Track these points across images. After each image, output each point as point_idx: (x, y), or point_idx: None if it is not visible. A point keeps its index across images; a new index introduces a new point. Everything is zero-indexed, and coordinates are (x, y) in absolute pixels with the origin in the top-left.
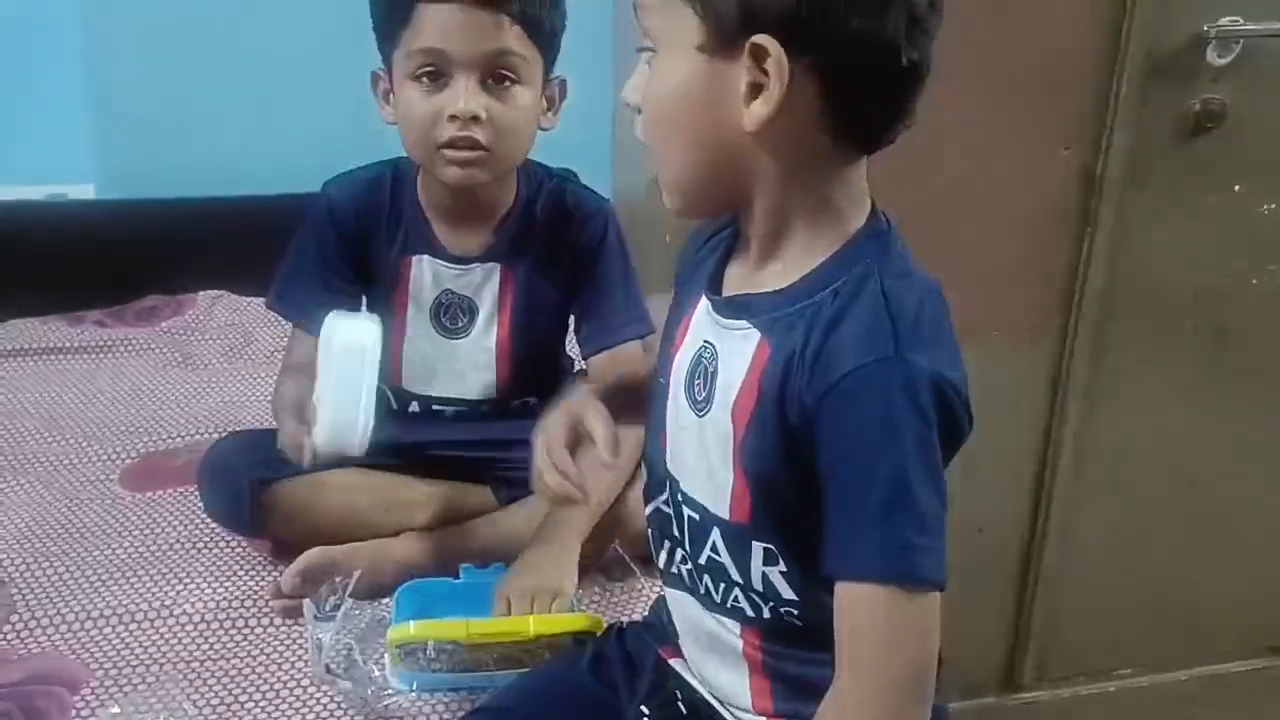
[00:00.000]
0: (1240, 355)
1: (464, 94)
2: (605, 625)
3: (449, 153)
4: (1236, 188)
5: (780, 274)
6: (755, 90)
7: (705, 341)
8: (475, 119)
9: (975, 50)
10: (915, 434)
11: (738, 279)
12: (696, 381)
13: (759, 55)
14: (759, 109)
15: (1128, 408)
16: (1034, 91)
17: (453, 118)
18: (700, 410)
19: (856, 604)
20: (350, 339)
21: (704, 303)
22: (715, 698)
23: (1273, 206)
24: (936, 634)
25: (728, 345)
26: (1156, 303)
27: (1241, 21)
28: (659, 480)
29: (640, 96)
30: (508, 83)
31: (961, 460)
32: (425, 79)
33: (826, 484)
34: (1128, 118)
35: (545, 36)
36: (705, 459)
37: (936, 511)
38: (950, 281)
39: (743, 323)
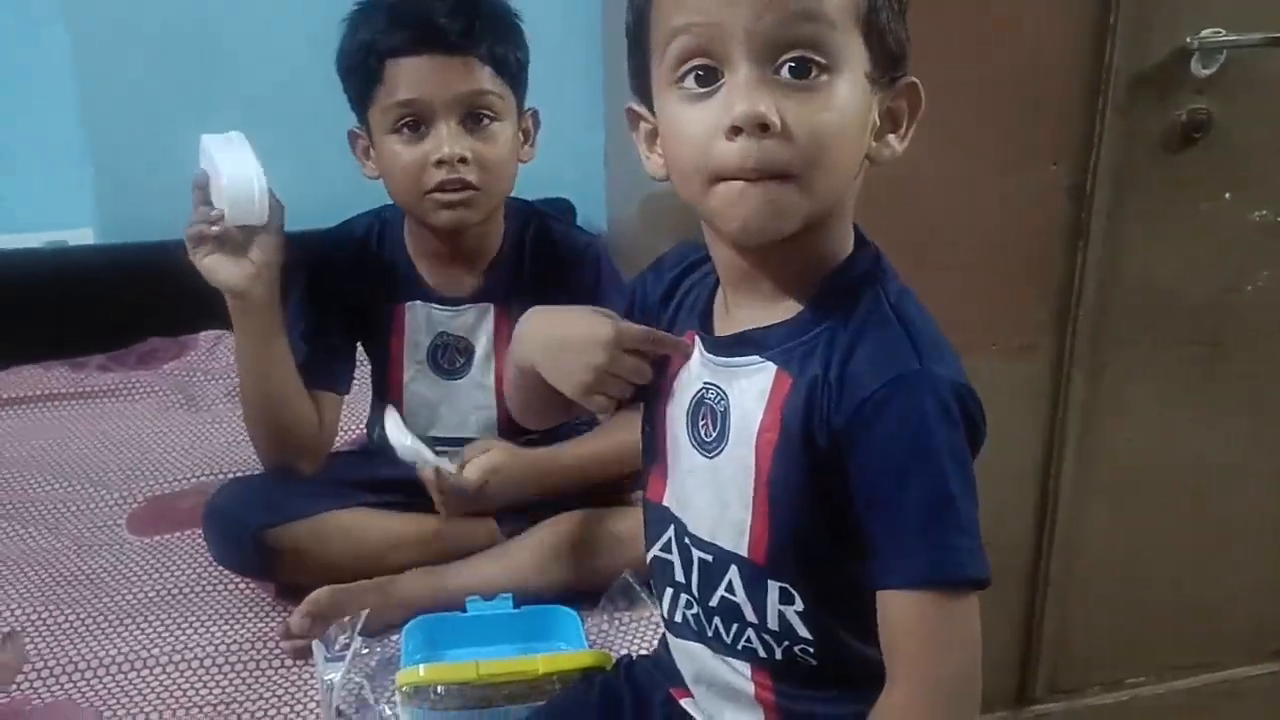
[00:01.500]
0: (1236, 362)
1: (447, 139)
2: (613, 660)
3: (439, 196)
4: (1226, 196)
5: (783, 304)
6: (891, 126)
7: (706, 384)
8: (462, 160)
9: (960, 69)
10: (948, 441)
11: (731, 317)
12: (702, 423)
13: (914, 96)
14: (896, 144)
15: (1127, 418)
16: (1020, 108)
17: (439, 163)
18: (710, 451)
19: (907, 611)
20: (222, 136)
21: (697, 346)
22: None
23: (1263, 213)
24: (979, 634)
25: (739, 383)
26: (1151, 313)
27: (1224, 33)
28: (658, 526)
29: (790, 118)
30: (486, 121)
31: None
32: (405, 130)
33: (864, 500)
34: (1114, 131)
35: (513, 72)
36: (719, 499)
37: (974, 514)
38: (945, 299)
39: (754, 358)
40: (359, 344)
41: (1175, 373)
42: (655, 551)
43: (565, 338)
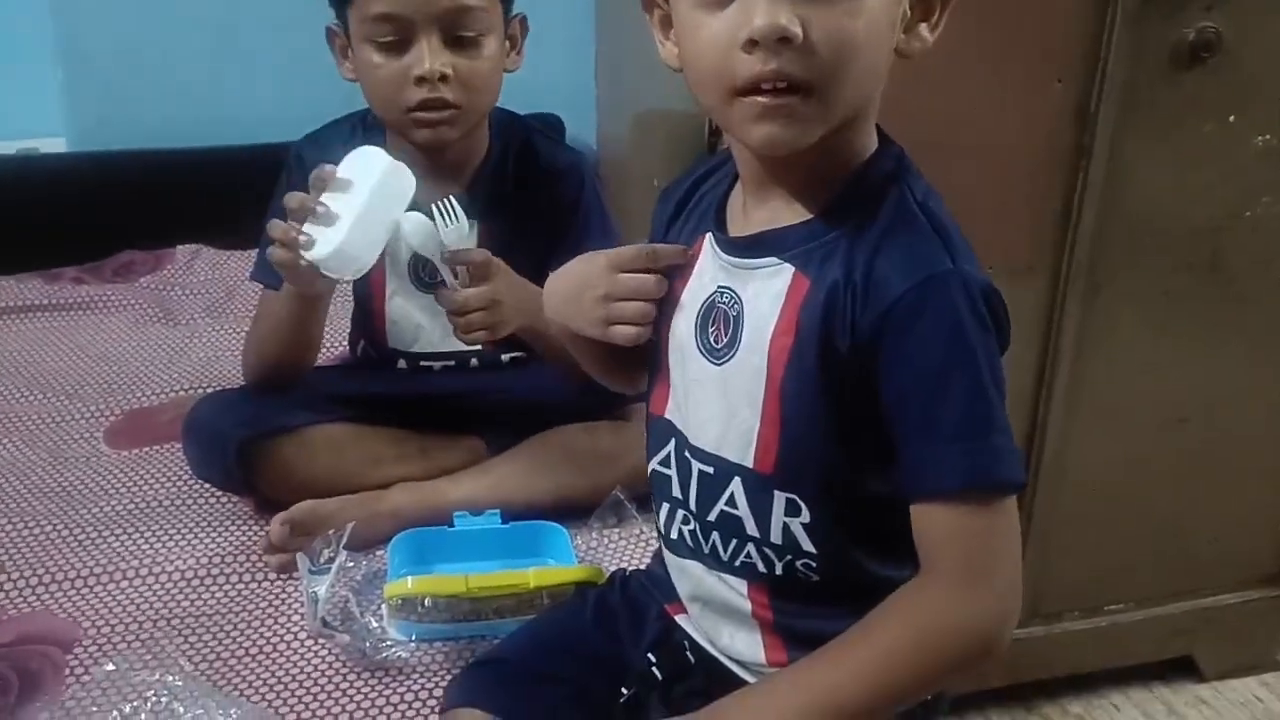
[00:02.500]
0: (1234, 288)
1: (428, 55)
2: (605, 575)
3: (419, 114)
4: (1231, 119)
5: (803, 204)
6: (925, 13)
7: (720, 287)
8: (443, 78)
9: None
10: (982, 343)
11: (749, 217)
12: (712, 329)
13: None
14: (928, 34)
15: (1121, 343)
16: (1025, 24)
17: (420, 80)
18: (719, 358)
19: (950, 517)
20: (394, 170)
21: (710, 247)
22: (727, 656)
23: (1266, 138)
24: (1019, 537)
25: (754, 286)
26: (1151, 236)
27: None
28: (659, 439)
29: (814, 27)
30: (470, 34)
31: None
32: (384, 41)
33: (896, 403)
34: (1121, 49)
35: None
36: (727, 408)
37: (1006, 416)
38: None
39: (770, 259)
40: None
41: (1172, 298)
42: (655, 465)
43: (570, 284)
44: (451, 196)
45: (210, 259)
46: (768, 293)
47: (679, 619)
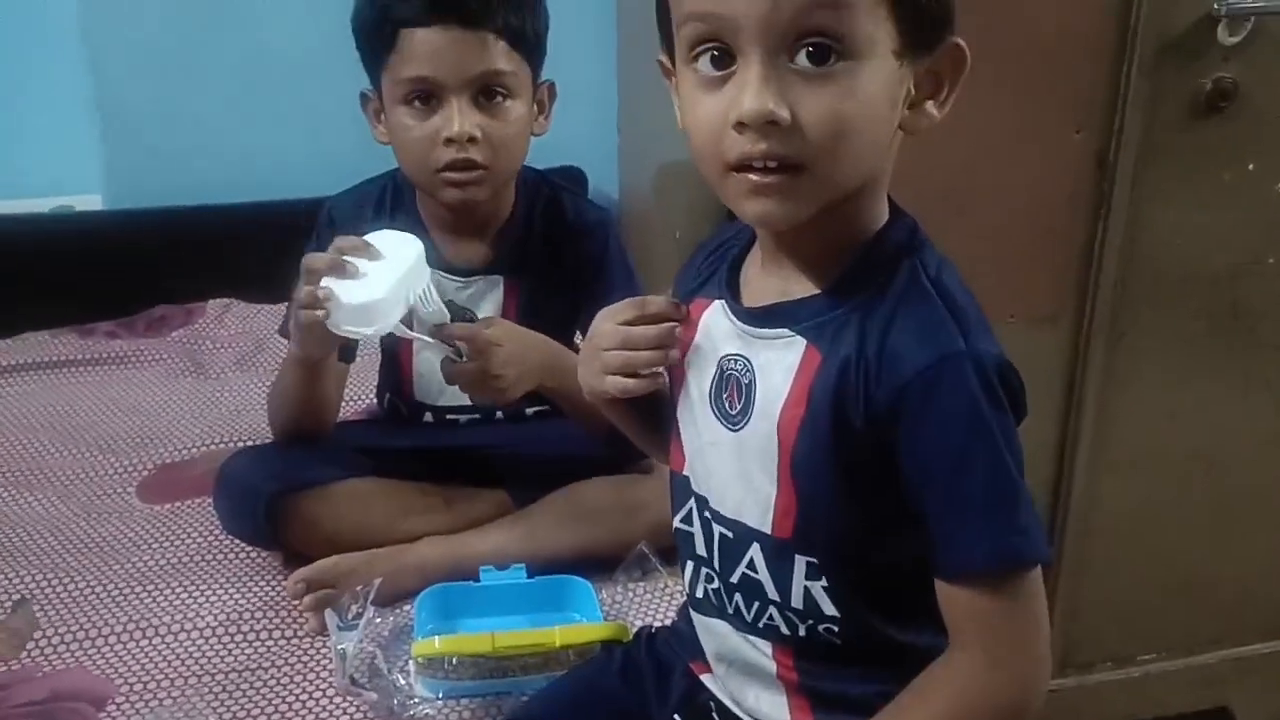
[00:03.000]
0: (1256, 334)
1: (457, 116)
2: (630, 632)
3: (448, 175)
4: (1250, 166)
5: (814, 275)
6: (934, 90)
7: (733, 354)
8: (472, 139)
9: (985, 34)
10: (999, 421)
11: (762, 286)
12: (726, 395)
13: (957, 57)
14: (935, 110)
15: (1145, 390)
16: (1045, 74)
17: (448, 141)
18: (734, 424)
19: (976, 595)
20: (417, 249)
21: (723, 314)
22: (753, 718)
23: None
24: (1046, 610)
25: (766, 356)
26: (1172, 283)
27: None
28: (680, 497)
29: (804, 109)
30: (499, 98)
31: None
32: (416, 103)
33: (918, 483)
34: (1139, 99)
35: (530, 46)
36: (743, 473)
37: (1027, 492)
38: (965, 267)
39: (783, 331)
40: None
41: (1194, 345)
42: (677, 523)
43: (584, 344)
44: (430, 284)
45: (240, 313)
46: (780, 364)
47: (704, 678)
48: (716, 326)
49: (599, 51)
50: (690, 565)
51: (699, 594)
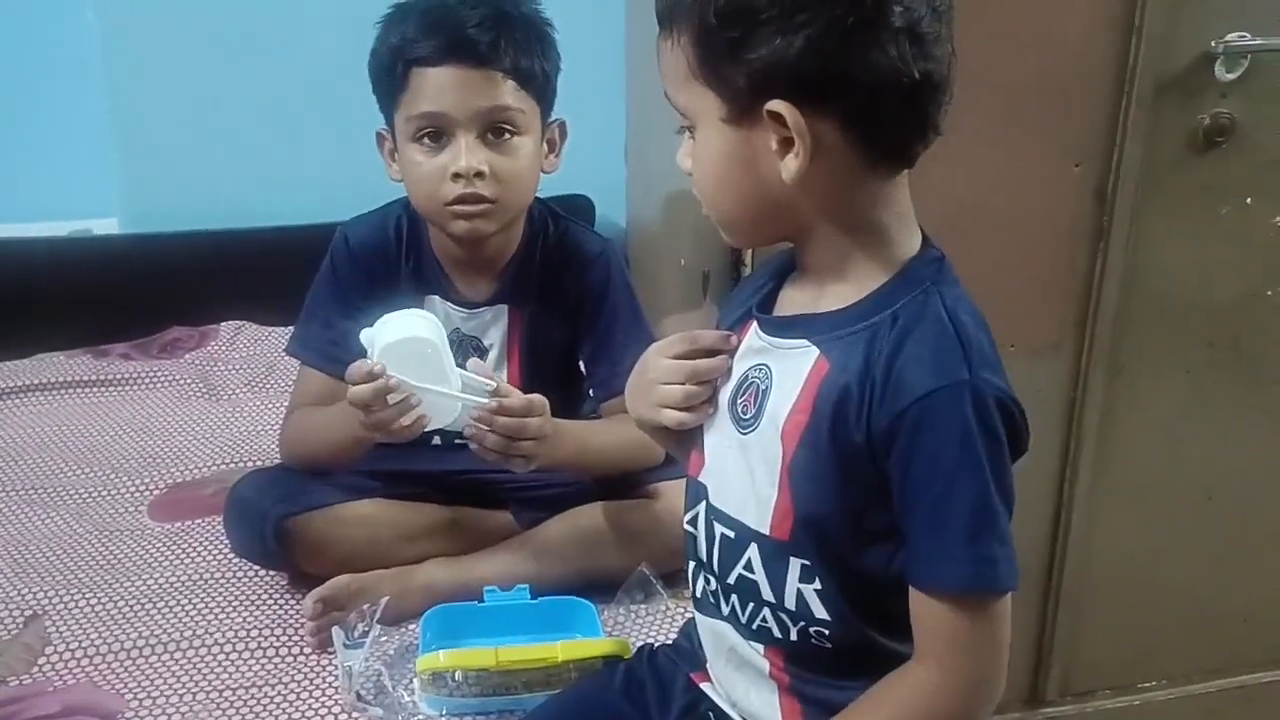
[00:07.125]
0: (1256, 366)
1: (465, 152)
2: (632, 649)
3: (456, 208)
4: (1248, 200)
5: (840, 296)
6: (786, 146)
7: (756, 364)
8: (479, 174)
9: (986, 70)
10: (991, 454)
11: (794, 301)
12: (742, 399)
13: (778, 119)
14: (793, 164)
15: (1145, 422)
16: (1044, 109)
17: (456, 176)
18: (745, 428)
19: (943, 611)
20: (427, 319)
21: (755, 332)
22: (746, 716)
23: None
24: (1008, 636)
25: (784, 364)
26: (1172, 315)
27: (1249, 37)
28: (693, 501)
29: (690, 164)
30: (507, 135)
31: None
32: (426, 139)
33: (906, 503)
34: (1138, 134)
35: (539, 85)
36: (748, 476)
37: (1008, 524)
38: None
39: (800, 340)
40: None
41: (1194, 377)
42: (686, 524)
43: (634, 377)
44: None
45: (252, 335)
46: (794, 372)
47: (704, 687)
48: (748, 344)
49: (609, 89)
50: (692, 566)
51: (699, 594)
